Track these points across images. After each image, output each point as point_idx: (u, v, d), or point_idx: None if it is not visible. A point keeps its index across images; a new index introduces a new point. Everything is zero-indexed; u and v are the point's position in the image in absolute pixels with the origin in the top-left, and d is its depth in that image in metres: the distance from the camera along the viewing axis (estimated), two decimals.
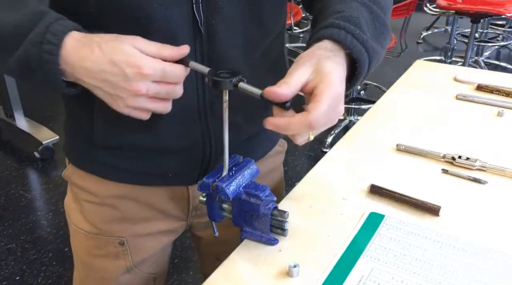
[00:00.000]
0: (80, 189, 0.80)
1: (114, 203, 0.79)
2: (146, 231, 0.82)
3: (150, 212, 0.80)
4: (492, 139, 0.95)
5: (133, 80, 0.57)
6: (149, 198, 0.79)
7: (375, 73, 0.71)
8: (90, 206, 0.80)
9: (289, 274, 0.62)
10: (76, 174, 0.80)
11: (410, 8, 2.80)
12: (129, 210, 0.79)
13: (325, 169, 0.86)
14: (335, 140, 2.81)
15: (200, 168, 0.77)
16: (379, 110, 1.08)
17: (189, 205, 0.82)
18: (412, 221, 0.72)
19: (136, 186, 0.78)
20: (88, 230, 0.81)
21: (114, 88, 0.58)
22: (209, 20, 0.65)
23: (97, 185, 0.78)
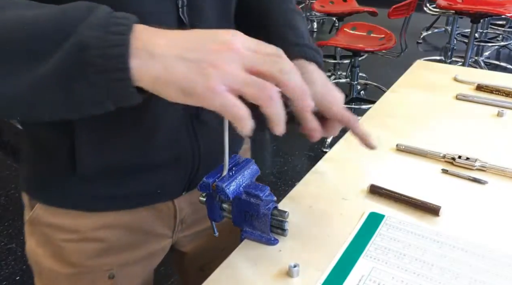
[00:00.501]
0: (55, 229, 0.72)
1: (99, 235, 0.73)
2: (134, 257, 0.78)
3: (137, 236, 0.77)
4: (492, 139, 0.95)
5: (224, 39, 0.47)
6: (135, 221, 0.75)
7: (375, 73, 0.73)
8: (70, 245, 0.73)
9: (289, 274, 0.62)
10: (49, 214, 0.72)
11: (410, 8, 2.80)
12: (116, 239, 0.74)
13: (325, 169, 0.86)
14: (335, 140, 2.81)
15: (188, 179, 0.75)
16: (379, 110, 1.08)
17: (175, 220, 0.80)
18: (412, 221, 0.72)
19: (121, 212, 0.73)
20: (70, 272, 0.74)
21: (201, 49, 0.46)
22: (194, 22, 0.65)
23: (77, 220, 0.72)
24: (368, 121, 1.03)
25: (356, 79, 3.04)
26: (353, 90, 3.07)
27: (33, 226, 0.74)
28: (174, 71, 0.46)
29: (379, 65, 3.99)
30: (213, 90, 0.45)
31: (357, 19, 3.21)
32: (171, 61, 0.46)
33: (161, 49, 0.46)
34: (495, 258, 0.65)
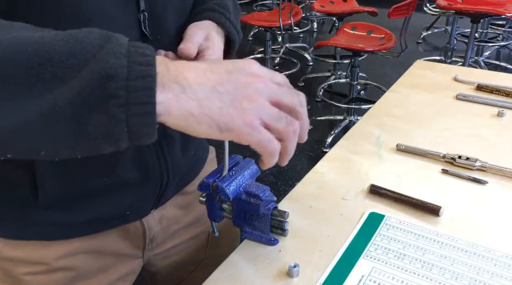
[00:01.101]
0: (16, 262, 0.68)
1: (65, 264, 0.69)
2: (106, 281, 0.75)
3: (106, 260, 0.74)
4: (492, 139, 0.95)
5: (249, 69, 0.47)
6: (103, 245, 0.72)
7: (375, 73, 0.72)
8: (35, 278, 0.69)
9: (289, 274, 0.62)
10: (9, 247, 0.67)
11: (410, 8, 2.80)
12: (83, 266, 0.71)
13: (325, 169, 0.86)
14: (335, 140, 2.81)
15: (157, 196, 0.74)
16: (379, 110, 1.08)
17: (145, 239, 0.78)
18: (412, 221, 0.72)
19: (88, 237, 0.70)
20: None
21: (232, 81, 0.45)
22: (156, 36, 0.64)
23: (42, 251, 0.68)
24: (368, 121, 1.03)
25: (356, 79, 3.04)
26: (353, 90, 3.07)
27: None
28: (209, 106, 0.43)
29: (379, 65, 3.99)
30: (251, 125, 0.44)
31: (357, 19, 3.21)
32: (206, 95, 0.43)
33: (191, 83, 0.44)
34: (495, 258, 0.65)
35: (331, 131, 2.94)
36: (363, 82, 3.58)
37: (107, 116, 0.41)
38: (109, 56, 0.41)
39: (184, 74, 0.44)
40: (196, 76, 0.44)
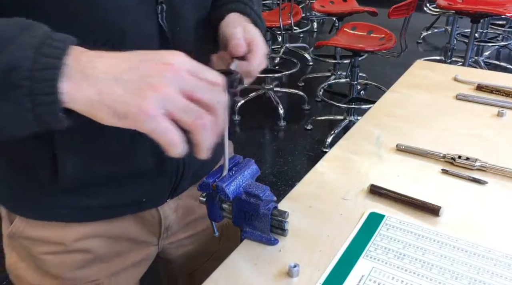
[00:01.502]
0: (37, 242, 0.71)
1: (84, 246, 0.72)
2: (121, 266, 0.77)
3: (122, 245, 0.76)
4: (492, 139, 0.95)
5: (163, 57, 0.47)
6: (119, 231, 0.75)
7: (375, 73, 0.72)
8: (54, 257, 0.71)
9: (289, 274, 0.62)
10: (30, 227, 0.70)
11: (410, 8, 2.80)
12: (100, 249, 0.73)
13: (325, 169, 0.86)
14: (335, 140, 2.82)
15: (172, 186, 0.75)
16: (379, 110, 1.08)
17: (160, 227, 0.80)
18: (412, 221, 0.72)
19: (106, 221, 0.73)
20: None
21: (140, 69, 0.46)
22: (173, 28, 0.65)
23: (61, 232, 0.70)
24: (368, 121, 1.03)
25: (356, 79, 3.03)
26: (353, 90, 3.07)
27: (13, 240, 0.73)
28: (108, 93, 0.44)
29: (379, 65, 3.99)
30: (146, 113, 0.44)
31: (357, 19, 3.21)
32: (107, 83, 0.44)
33: (97, 71, 0.45)
34: (495, 258, 0.65)
35: (331, 131, 2.94)
36: (363, 82, 3.58)
37: (15, 104, 0.43)
38: (17, 48, 0.43)
39: (95, 63, 0.45)
40: (105, 65, 0.45)
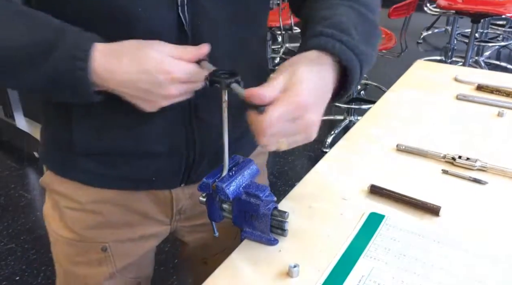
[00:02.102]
0: (60, 195, 0.78)
1: (96, 209, 0.77)
2: (129, 236, 0.80)
3: (133, 216, 0.79)
4: (492, 139, 0.95)
5: (166, 85, 0.59)
6: (132, 202, 0.78)
7: (375, 73, 0.72)
8: (72, 212, 0.78)
9: (289, 274, 0.62)
10: (55, 181, 0.78)
11: (410, 8, 2.80)
12: (112, 215, 0.78)
13: (325, 169, 0.86)
14: (335, 140, 2.81)
15: (184, 172, 0.76)
16: (379, 110, 1.08)
17: (172, 209, 0.81)
18: (412, 221, 0.72)
19: (119, 191, 0.76)
20: (69, 237, 0.79)
21: (148, 94, 0.60)
22: (194, 22, 0.65)
23: (78, 192, 0.76)
24: (368, 121, 1.03)
25: None
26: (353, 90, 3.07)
27: (47, 191, 0.82)
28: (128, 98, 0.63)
29: (379, 65, 3.98)
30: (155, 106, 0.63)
31: None
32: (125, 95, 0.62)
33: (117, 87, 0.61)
34: (495, 258, 0.65)
35: (331, 131, 2.94)
36: (363, 82, 3.58)
37: (71, 92, 0.60)
38: (59, 61, 0.58)
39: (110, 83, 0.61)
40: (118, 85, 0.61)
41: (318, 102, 0.58)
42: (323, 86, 0.59)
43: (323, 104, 0.59)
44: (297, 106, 0.55)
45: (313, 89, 0.57)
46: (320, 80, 0.59)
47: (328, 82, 0.60)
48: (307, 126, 0.57)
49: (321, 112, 0.59)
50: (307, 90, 0.56)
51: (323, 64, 0.60)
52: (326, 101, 0.60)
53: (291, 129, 0.56)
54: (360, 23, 0.65)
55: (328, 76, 0.60)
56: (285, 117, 0.54)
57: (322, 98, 0.59)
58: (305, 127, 0.57)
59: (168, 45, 0.61)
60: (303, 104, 0.55)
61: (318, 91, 0.58)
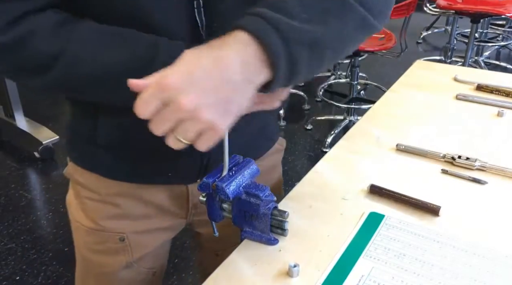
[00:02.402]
0: (81, 186, 0.81)
1: (115, 201, 0.80)
2: (146, 227, 0.83)
3: (150, 209, 0.82)
4: (492, 139, 0.95)
5: (242, 86, 0.52)
6: (149, 196, 0.80)
7: (375, 73, 0.70)
8: (91, 203, 0.81)
9: (289, 274, 0.62)
10: (77, 172, 0.81)
11: (410, 8, 2.80)
12: (129, 207, 0.81)
13: (325, 169, 0.86)
14: (335, 140, 2.81)
15: (199, 168, 0.78)
16: (379, 110, 1.08)
17: (188, 203, 0.83)
18: (412, 221, 0.72)
19: (136, 185, 0.79)
20: (89, 226, 0.82)
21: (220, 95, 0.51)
22: (210, 24, 0.65)
23: (98, 183, 0.79)
24: (368, 121, 1.03)
25: (356, 79, 3.03)
26: (353, 90, 3.07)
27: (70, 180, 0.85)
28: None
29: (379, 65, 3.99)
30: None
31: None
32: None
33: None
34: (495, 258, 0.65)
35: (331, 131, 2.94)
36: (363, 82, 3.58)
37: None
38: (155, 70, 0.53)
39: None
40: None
41: (200, 86, 0.50)
42: (216, 71, 0.51)
43: (218, 89, 0.51)
44: (160, 87, 0.50)
45: (189, 72, 0.51)
46: (213, 65, 0.51)
47: (230, 66, 0.51)
48: (188, 112, 0.50)
49: (217, 99, 0.51)
50: (179, 72, 0.51)
51: (230, 46, 0.52)
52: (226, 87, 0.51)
53: (169, 115, 0.51)
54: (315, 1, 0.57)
55: (231, 60, 0.51)
56: (152, 100, 0.50)
57: (209, 83, 0.51)
58: (186, 113, 0.50)
59: None
60: (168, 86, 0.50)
61: (201, 74, 0.51)
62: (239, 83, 0.52)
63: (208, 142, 0.53)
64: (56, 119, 3.06)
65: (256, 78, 0.53)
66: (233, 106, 0.52)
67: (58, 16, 0.61)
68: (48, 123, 2.86)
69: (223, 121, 0.52)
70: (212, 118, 0.51)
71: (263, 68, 0.53)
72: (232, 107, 0.52)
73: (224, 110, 0.51)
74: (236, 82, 0.51)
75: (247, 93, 0.53)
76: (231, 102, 0.52)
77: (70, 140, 0.82)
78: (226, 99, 0.51)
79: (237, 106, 0.52)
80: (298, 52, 0.54)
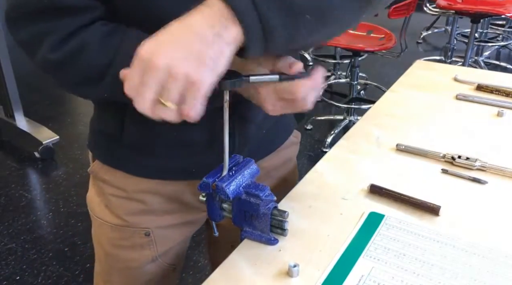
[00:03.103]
0: (106, 183, 0.83)
1: (140, 197, 0.82)
2: (170, 222, 0.85)
3: (174, 205, 0.84)
4: (492, 139, 0.95)
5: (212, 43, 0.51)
6: (172, 192, 0.82)
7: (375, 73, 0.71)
8: (117, 200, 0.83)
9: (289, 274, 0.62)
10: (103, 169, 0.83)
11: (410, 8, 2.80)
12: (154, 203, 0.83)
13: (325, 169, 0.86)
14: (335, 140, 2.81)
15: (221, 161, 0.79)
16: (379, 110, 1.08)
17: None
18: (412, 221, 0.72)
19: (161, 181, 0.81)
20: (114, 223, 0.84)
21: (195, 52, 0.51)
22: None
23: (124, 180, 0.81)
24: (368, 121, 1.03)
25: (356, 79, 3.03)
26: (353, 90, 3.07)
27: (93, 178, 0.86)
28: None
29: (379, 65, 3.99)
30: None
31: None
32: None
33: None
34: (495, 258, 0.65)
35: (331, 131, 2.94)
36: (363, 82, 3.58)
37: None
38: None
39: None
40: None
41: (170, 46, 0.52)
42: (183, 30, 0.53)
43: (187, 44, 0.52)
44: (136, 60, 0.52)
45: (158, 37, 0.52)
46: (180, 26, 0.53)
47: (195, 24, 0.52)
48: (162, 69, 0.51)
49: (188, 52, 0.51)
50: (149, 41, 0.52)
51: (196, 11, 0.53)
52: (195, 40, 0.52)
53: (146, 80, 0.51)
54: None
55: (197, 19, 0.53)
56: (134, 75, 0.52)
57: (178, 41, 0.52)
58: (161, 71, 0.51)
59: None
60: (141, 55, 0.51)
61: (169, 37, 0.53)
62: (207, 36, 0.52)
63: (194, 102, 0.52)
64: (56, 119, 3.06)
65: (224, 32, 0.52)
66: (207, 58, 0.51)
67: (106, 28, 0.63)
68: (48, 123, 2.86)
69: (200, 73, 0.51)
70: (187, 70, 0.50)
71: (229, 23, 0.52)
72: (207, 59, 0.51)
73: (198, 62, 0.51)
74: (204, 36, 0.52)
75: (218, 47, 0.52)
76: (203, 54, 0.51)
77: (95, 138, 0.84)
78: (198, 52, 0.51)
79: (211, 59, 0.52)
80: (267, 13, 0.53)
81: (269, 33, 0.54)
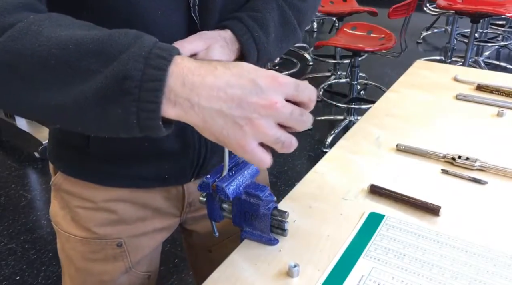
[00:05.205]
0: (72, 195, 0.79)
1: (110, 207, 0.79)
2: (142, 230, 0.83)
3: (146, 212, 0.82)
4: (492, 139, 0.95)
5: (266, 90, 0.48)
6: (144, 199, 0.80)
7: (375, 73, 0.71)
8: (84, 211, 0.79)
9: (289, 274, 0.62)
10: (67, 181, 0.79)
11: (410, 8, 2.80)
12: (125, 212, 0.80)
13: (325, 169, 0.86)
14: (335, 140, 2.81)
15: (195, 167, 0.79)
16: (379, 110, 1.08)
17: (184, 202, 0.84)
18: (412, 221, 0.72)
19: (132, 189, 0.78)
20: (83, 236, 0.80)
21: (241, 105, 0.47)
22: (205, 22, 0.67)
23: (91, 191, 0.78)
24: (368, 121, 1.03)
25: (356, 79, 3.03)
26: (353, 90, 3.07)
27: (56, 191, 0.82)
28: (212, 124, 0.48)
29: (379, 65, 3.99)
30: (244, 148, 0.49)
31: (357, 19, 3.21)
32: (210, 114, 0.48)
33: (202, 100, 0.47)
34: (495, 258, 0.65)
35: (331, 131, 2.94)
36: (363, 82, 3.58)
37: (123, 108, 0.47)
38: (129, 59, 0.46)
39: (199, 90, 0.47)
40: (208, 94, 0.48)
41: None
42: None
43: None
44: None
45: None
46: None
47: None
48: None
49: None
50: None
51: (231, 48, 0.67)
52: None
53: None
54: (281, 25, 0.73)
55: (228, 59, 0.66)
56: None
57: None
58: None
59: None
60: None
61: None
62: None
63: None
64: None
65: None
66: None
67: (48, 15, 0.53)
68: None
69: None
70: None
71: None
72: None
73: None
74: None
75: None
76: None
77: (57, 151, 0.80)
78: None
79: None
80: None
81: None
